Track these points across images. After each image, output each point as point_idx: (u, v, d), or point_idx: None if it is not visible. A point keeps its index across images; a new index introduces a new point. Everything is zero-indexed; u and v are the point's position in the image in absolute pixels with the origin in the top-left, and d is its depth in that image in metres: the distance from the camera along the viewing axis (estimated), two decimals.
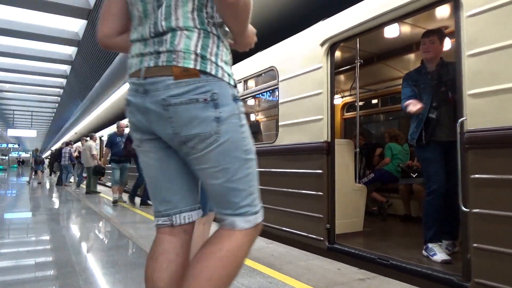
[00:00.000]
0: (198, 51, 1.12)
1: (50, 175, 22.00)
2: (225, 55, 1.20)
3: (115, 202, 7.44)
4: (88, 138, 10.60)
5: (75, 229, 4.90)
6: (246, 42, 1.32)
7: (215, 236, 1.19)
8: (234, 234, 1.17)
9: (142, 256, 3.46)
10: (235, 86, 1.21)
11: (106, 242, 4.14)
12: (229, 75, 1.18)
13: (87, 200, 8.57)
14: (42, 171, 17.48)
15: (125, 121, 8.22)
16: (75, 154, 12.98)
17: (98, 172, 9.80)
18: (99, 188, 10.79)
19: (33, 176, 16.57)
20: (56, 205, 8.02)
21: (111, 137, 7.90)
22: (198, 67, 1.11)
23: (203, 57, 1.12)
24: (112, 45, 1.37)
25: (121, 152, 7.57)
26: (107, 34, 1.32)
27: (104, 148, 8.22)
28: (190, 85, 1.10)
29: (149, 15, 1.17)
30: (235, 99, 1.18)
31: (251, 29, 1.30)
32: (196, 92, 1.10)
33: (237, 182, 1.17)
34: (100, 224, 5.27)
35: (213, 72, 1.13)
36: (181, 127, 1.12)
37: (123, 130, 7.90)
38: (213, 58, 1.14)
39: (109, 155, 7.86)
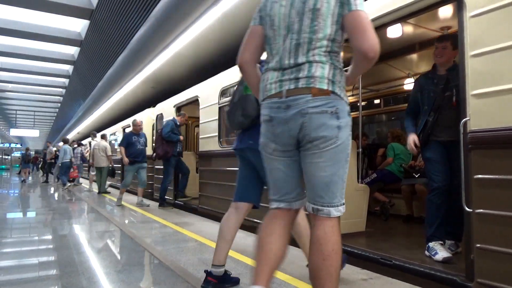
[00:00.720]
0: (330, 77, 1.58)
1: (44, 174, 21.94)
2: (344, 82, 1.66)
3: (119, 205, 7.24)
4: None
5: (77, 229, 4.91)
6: (354, 80, 1.79)
7: (321, 233, 1.60)
8: (332, 222, 1.62)
9: (145, 256, 3.47)
10: (349, 105, 1.66)
11: (109, 242, 4.15)
12: (346, 96, 1.65)
13: (90, 200, 8.59)
14: (28, 173, 17.74)
15: (139, 119, 7.95)
16: (87, 154, 12.93)
17: (112, 173, 9.90)
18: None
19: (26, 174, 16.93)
20: (58, 205, 8.05)
21: (127, 136, 7.41)
22: (330, 89, 1.57)
23: (333, 82, 1.58)
24: (248, 70, 1.83)
25: (137, 152, 7.20)
26: (246, 60, 1.80)
27: (119, 147, 7.56)
28: (323, 100, 1.56)
29: (288, 51, 1.63)
30: (349, 114, 1.63)
31: None
32: (326, 106, 1.56)
33: (338, 176, 1.63)
34: (103, 224, 5.29)
35: (338, 93, 1.59)
36: (311, 130, 1.56)
37: (140, 129, 7.45)
38: (338, 83, 1.60)
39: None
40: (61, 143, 13.07)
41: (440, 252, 2.95)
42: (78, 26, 12.98)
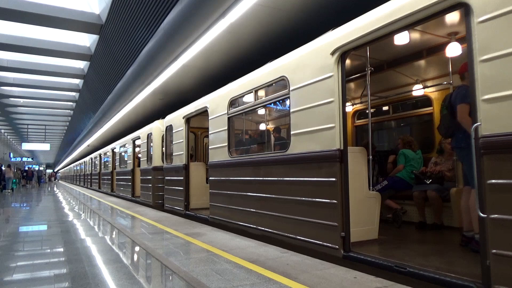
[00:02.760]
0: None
1: None
2: None
3: None
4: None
5: (89, 241, 4.94)
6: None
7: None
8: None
9: (158, 267, 3.48)
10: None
11: (121, 253, 4.17)
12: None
13: (101, 212, 8.65)
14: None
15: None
16: None
17: None
18: (114, 200, 10.83)
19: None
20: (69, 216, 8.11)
21: None
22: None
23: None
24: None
25: None
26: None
27: None
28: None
29: None
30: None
31: None
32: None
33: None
34: (114, 236, 5.32)
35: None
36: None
37: None
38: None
39: None
40: None
41: None
42: (88, 40, 13.26)
